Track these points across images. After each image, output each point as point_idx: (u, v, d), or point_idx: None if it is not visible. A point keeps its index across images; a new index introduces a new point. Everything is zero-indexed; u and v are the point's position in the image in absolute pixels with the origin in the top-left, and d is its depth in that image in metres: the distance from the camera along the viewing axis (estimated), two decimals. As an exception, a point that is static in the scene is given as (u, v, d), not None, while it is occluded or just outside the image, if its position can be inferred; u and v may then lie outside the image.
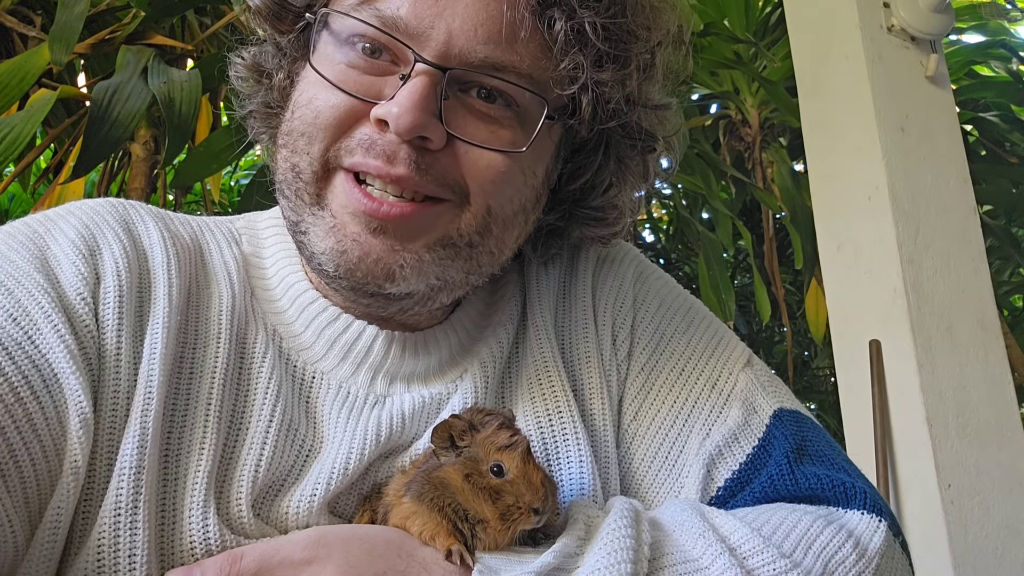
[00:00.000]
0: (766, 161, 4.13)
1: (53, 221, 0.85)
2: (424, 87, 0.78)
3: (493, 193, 0.84)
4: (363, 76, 0.82)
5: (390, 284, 0.83)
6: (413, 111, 0.77)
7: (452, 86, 0.81)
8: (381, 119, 0.79)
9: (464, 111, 0.82)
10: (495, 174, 0.83)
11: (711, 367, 0.95)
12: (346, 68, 0.82)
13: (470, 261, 0.86)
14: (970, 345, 2.43)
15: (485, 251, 0.87)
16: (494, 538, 0.72)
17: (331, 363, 0.89)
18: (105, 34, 2.64)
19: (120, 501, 0.71)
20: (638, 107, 0.92)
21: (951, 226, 2.54)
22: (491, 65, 0.80)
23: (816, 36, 2.79)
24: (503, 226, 0.87)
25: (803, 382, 5.20)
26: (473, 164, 0.82)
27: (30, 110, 2.34)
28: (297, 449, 0.83)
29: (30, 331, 0.73)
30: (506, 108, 0.83)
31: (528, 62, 0.82)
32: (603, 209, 0.97)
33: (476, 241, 0.85)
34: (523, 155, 0.84)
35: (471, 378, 0.91)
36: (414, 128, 0.77)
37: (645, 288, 1.02)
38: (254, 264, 0.95)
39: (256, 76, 0.95)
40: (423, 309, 0.90)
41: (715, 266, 3.58)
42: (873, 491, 0.85)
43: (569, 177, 0.96)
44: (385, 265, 0.81)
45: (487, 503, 0.72)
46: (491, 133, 0.82)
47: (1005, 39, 4.40)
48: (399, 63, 0.82)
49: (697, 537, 0.74)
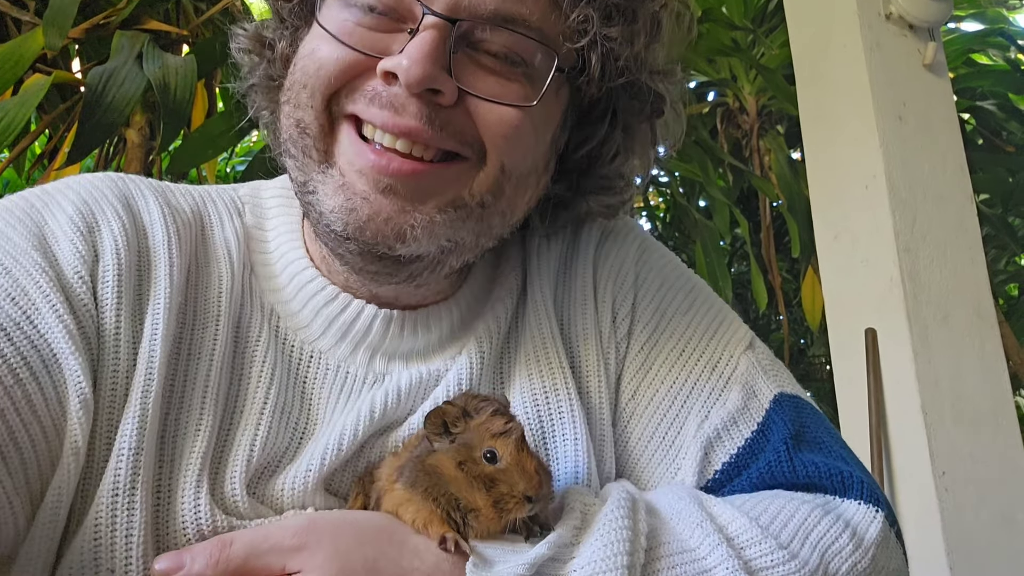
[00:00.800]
0: (763, 149, 4.12)
1: (51, 196, 0.84)
2: (434, 39, 0.77)
3: (507, 149, 0.82)
4: (369, 32, 0.80)
5: (401, 244, 0.81)
6: (424, 62, 0.75)
7: (461, 41, 0.80)
8: (389, 71, 0.77)
9: (473, 66, 0.81)
10: (508, 129, 0.82)
11: (712, 348, 0.94)
12: (352, 25, 0.81)
13: (481, 222, 0.84)
14: (966, 334, 2.44)
15: (497, 212, 0.85)
16: (486, 526, 0.72)
17: (329, 343, 0.89)
18: (100, 19, 2.62)
19: (118, 481, 0.71)
20: (645, 69, 0.91)
21: (948, 215, 2.54)
22: (501, 16, 0.79)
23: (814, 24, 2.78)
24: (515, 186, 0.85)
25: (799, 370, 5.21)
26: (485, 119, 0.81)
27: (24, 95, 2.32)
28: (291, 430, 0.83)
29: (29, 311, 0.73)
30: (515, 64, 0.82)
31: (537, 15, 0.81)
32: (610, 178, 0.96)
33: (488, 201, 0.84)
34: (534, 110, 0.83)
35: (467, 354, 0.91)
36: (424, 79, 0.76)
37: (648, 266, 1.00)
38: (256, 238, 0.94)
39: (258, 48, 0.93)
40: (431, 276, 0.88)
41: (712, 254, 3.59)
42: (871, 480, 0.85)
43: (576, 145, 0.95)
44: (396, 224, 0.80)
45: (480, 491, 0.71)
46: (502, 87, 0.81)
47: (1003, 27, 4.39)
48: (404, 20, 0.80)
49: (695, 527, 0.74)
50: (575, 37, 0.83)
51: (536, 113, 0.83)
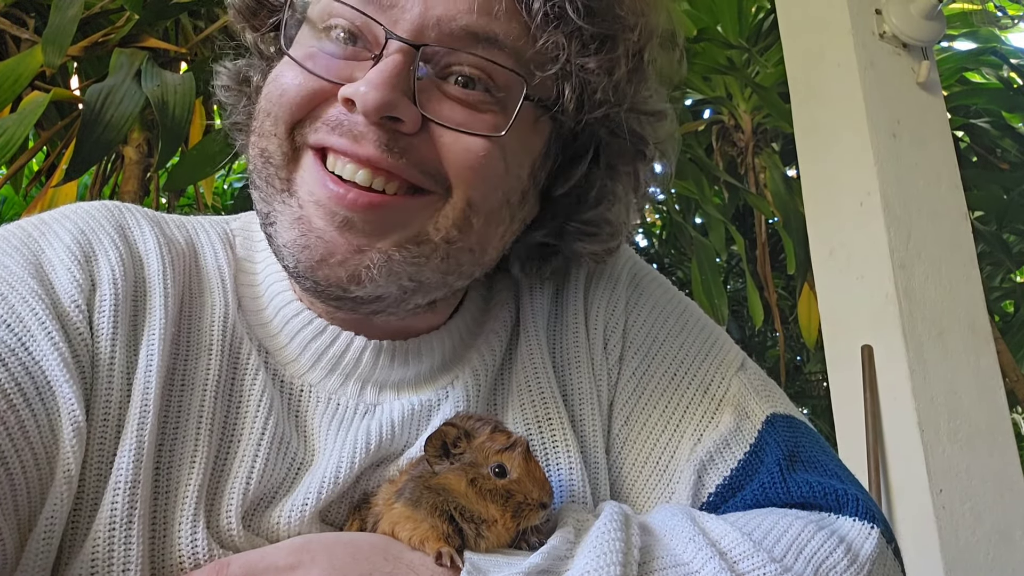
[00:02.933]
0: (759, 166, 4.14)
1: (48, 225, 0.84)
2: (395, 65, 0.74)
3: (474, 182, 0.78)
4: (333, 60, 0.78)
5: (356, 287, 0.78)
6: (381, 88, 0.72)
7: (427, 66, 0.77)
8: (348, 99, 0.74)
9: (439, 93, 0.78)
10: (475, 159, 0.78)
11: (704, 371, 0.94)
12: (316, 52, 0.79)
13: (447, 260, 0.81)
14: (961, 350, 2.44)
15: (464, 249, 0.82)
16: (499, 536, 0.73)
17: (318, 376, 0.88)
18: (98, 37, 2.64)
19: (115, 515, 0.70)
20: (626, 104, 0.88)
21: (942, 232, 2.56)
22: (471, 34, 0.76)
23: (809, 42, 2.80)
24: (485, 221, 0.81)
25: (795, 387, 5.21)
26: (450, 149, 0.77)
27: (23, 112, 2.33)
28: (288, 462, 0.82)
29: (24, 337, 0.72)
30: (485, 92, 0.78)
31: (510, 37, 0.77)
32: (595, 223, 0.93)
33: (454, 237, 0.80)
34: (505, 140, 0.79)
35: (463, 385, 0.90)
36: (381, 106, 0.73)
37: (638, 291, 1.00)
38: (245, 271, 0.93)
39: (239, 86, 0.92)
40: (397, 312, 0.85)
41: (708, 271, 3.60)
42: (866, 497, 0.85)
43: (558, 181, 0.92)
44: (351, 266, 0.77)
45: (495, 504, 0.73)
46: (469, 116, 0.78)
47: (996, 46, 4.43)
48: (371, 48, 0.78)
49: (687, 541, 0.74)
50: (546, 64, 0.79)
51: (507, 144, 0.80)
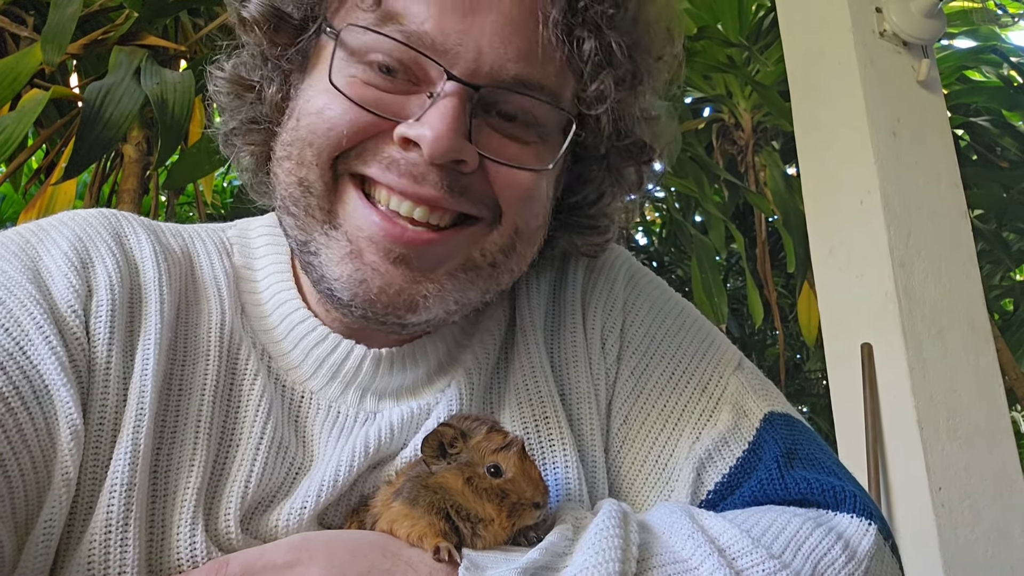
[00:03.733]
0: (759, 165, 4.14)
1: (46, 231, 0.84)
2: (456, 107, 0.75)
3: (522, 211, 0.83)
4: (382, 94, 0.78)
5: (412, 315, 0.81)
6: (449, 136, 0.74)
7: (479, 105, 0.78)
8: (409, 139, 0.76)
9: (490, 129, 0.80)
10: (525, 192, 0.82)
11: (701, 370, 0.95)
12: (362, 83, 0.78)
13: (490, 280, 0.85)
14: (961, 348, 2.45)
15: (507, 270, 0.86)
16: (495, 535, 0.74)
17: (320, 383, 0.89)
18: (98, 35, 2.64)
19: (111, 517, 0.71)
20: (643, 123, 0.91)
21: (942, 230, 2.56)
22: (522, 82, 0.78)
23: (809, 40, 2.80)
24: (526, 243, 0.86)
25: (795, 385, 5.21)
26: (503, 183, 0.80)
27: (22, 110, 2.33)
28: (287, 467, 0.83)
29: (21, 342, 0.73)
30: (528, 127, 0.82)
31: (555, 80, 0.80)
32: (595, 217, 0.96)
33: (500, 261, 0.84)
34: (548, 171, 0.83)
35: (456, 385, 0.91)
36: (450, 153, 0.75)
37: (636, 291, 1.01)
38: (245, 278, 0.93)
39: (239, 90, 0.90)
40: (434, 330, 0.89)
41: (708, 269, 3.60)
42: (863, 494, 0.85)
43: (568, 189, 0.95)
44: (408, 296, 0.79)
45: (490, 503, 0.73)
46: (519, 150, 0.81)
47: (996, 44, 4.43)
48: (419, 83, 0.78)
49: (686, 538, 0.74)
50: (593, 104, 0.83)
51: (549, 173, 0.84)
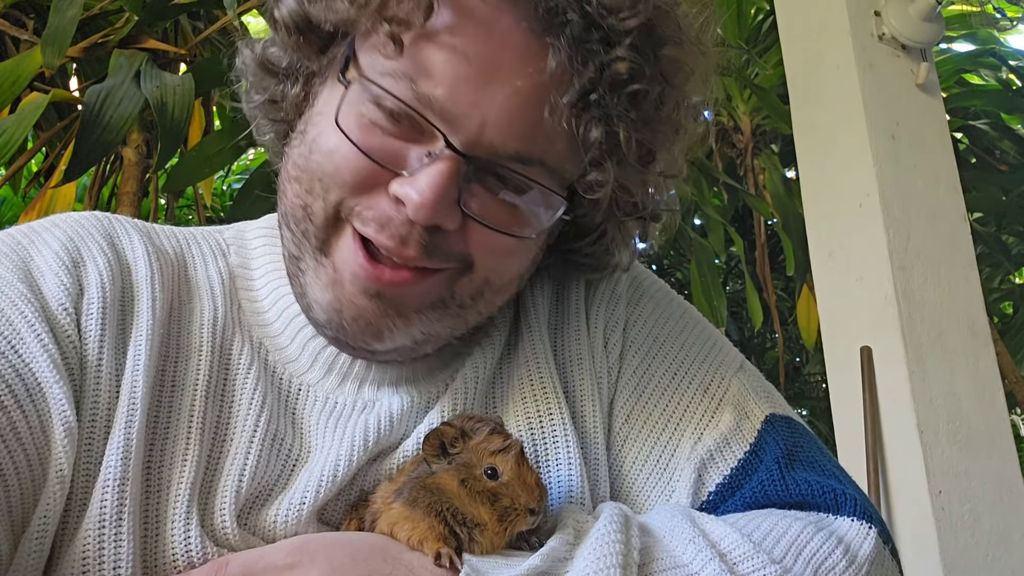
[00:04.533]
0: (758, 168, 4.14)
1: (37, 233, 0.85)
2: (448, 174, 0.76)
3: (496, 268, 0.84)
4: (387, 139, 0.79)
5: (377, 343, 0.84)
6: (434, 204, 0.75)
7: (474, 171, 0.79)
8: (399, 198, 0.77)
9: (482, 191, 0.80)
10: (502, 252, 0.84)
11: (704, 371, 0.95)
12: (370, 125, 0.79)
13: (458, 319, 0.86)
14: (960, 352, 2.45)
15: (474, 312, 0.87)
16: (491, 540, 0.73)
17: (316, 376, 0.89)
18: (98, 38, 2.64)
19: (104, 512, 0.71)
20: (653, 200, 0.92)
21: (942, 233, 2.56)
22: (519, 158, 0.79)
23: (808, 44, 2.80)
24: (496, 292, 0.87)
25: (794, 388, 5.21)
26: (482, 243, 0.81)
27: (22, 113, 2.33)
28: (283, 460, 0.83)
29: (13, 340, 0.73)
30: (520, 193, 0.82)
31: (555, 160, 0.81)
32: (596, 256, 0.97)
33: (468, 304, 0.85)
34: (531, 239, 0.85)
35: (462, 378, 0.91)
36: (431, 219, 0.76)
37: (639, 291, 1.01)
38: (241, 276, 0.94)
39: (263, 72, 0.91)
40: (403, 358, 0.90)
41: (707, 272, 3.60)
42: (863, 498, 0.85)
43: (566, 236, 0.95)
44: (375, 327, 0.82)
45: (484, 506, 0.72)
46: (506, 216, 0.81)
47: (995, 48, 4.43)
48: (422, 134, 0.79)
49: (687, 542, 0.74)
50: (592, 189, 0.83)
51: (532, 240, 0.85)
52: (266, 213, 1.01)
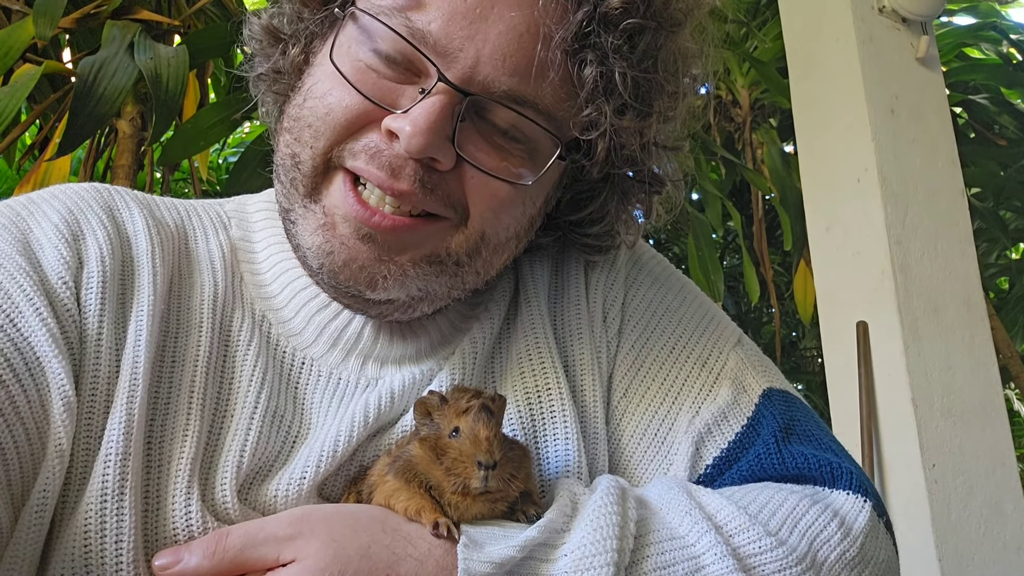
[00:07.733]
0: (756, 142, 4.13)
1: (37, 204, 0.84)
2: (442, 107, 0.77)
3: (491, 220, 0.84)
4: (381, 80, 0.80)
5: (371, 291, 0.83)
6: (427, 133, 0.76)
7: (469, 110, 0.79)
8: (392, 131, 0.78)
9: (477, 135, 0.81)
10: (498, 202, 0.83)
11: (702, 345, 0.95)
12: (365, 68, 0.80)
13: (455, 278, 0.86)
14: (956, 327, 2.46)
15: (471, 271, 0.87)
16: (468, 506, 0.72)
17: (321, 349, 0.89)
18: (90, 8, 2.60)
19: (107, 487, 0.71)
20: (653, 155, 0.91)
21: (939, 208, 2.56)
22: (513, 97, 0.79)
23: (807, 17, 2.78)
24: (493, 250, 0.87)
25: (790, 363, 5.24)
26: (478, 189, 0.81)
27: (14, 85, 2.31)
28: (283, 435, 0.83)
29: (12, 314, 0.73)
30: (515, 140, 0.82)
31: (550, 100, 0.81)
32: (598, 236, 0.97)
33: (464, 261, 0.85)
34: (528, 187, 0.84)
35: (460, 353, 0.91)
36: (424, 150, 0.76)
37: (637, 266, 1.02)
38: (243, 249, 0.94)
39: (270, 39, 0.92)
40: (403, 315, 0.90)
41: (704, 246, 3.60)
42: (859, 471, 0.86)
43: (569, 206, 0.95)
44: (369, 273, 0.82)
45: (435, 464, 0.72)
46: (501, 161, 0.82)
47: (996, 21, 4.40)
48: (418, 75, 0.80)
49: (684, 515, 0.75)
50: (586, 128, 0.83)
51: (529, 188, 0.84)
52: (263, 187, 1.00)
